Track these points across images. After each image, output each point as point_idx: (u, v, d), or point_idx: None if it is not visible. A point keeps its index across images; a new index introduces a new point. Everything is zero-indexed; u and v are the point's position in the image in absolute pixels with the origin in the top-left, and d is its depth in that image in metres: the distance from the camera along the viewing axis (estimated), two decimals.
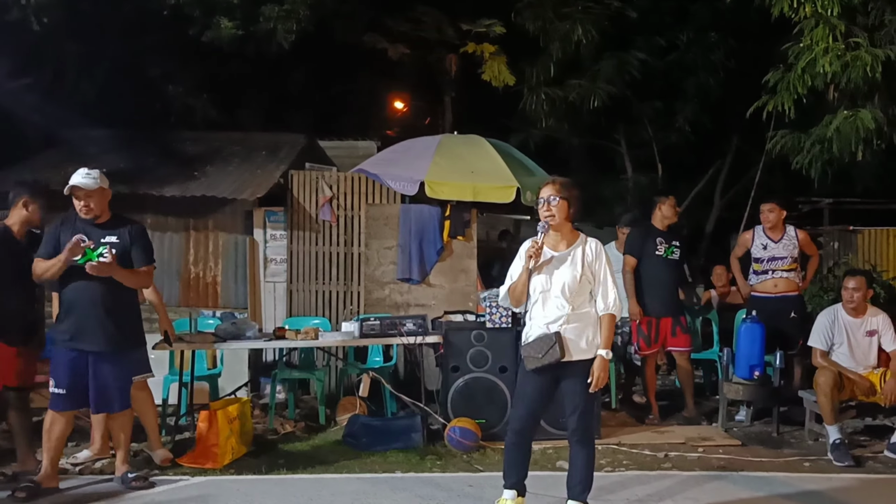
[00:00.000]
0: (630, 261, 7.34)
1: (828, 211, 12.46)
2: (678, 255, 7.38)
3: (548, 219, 4.43)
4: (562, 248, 4.48)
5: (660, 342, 7.31)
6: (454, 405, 6.52)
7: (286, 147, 9.53)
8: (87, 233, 5.03)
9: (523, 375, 4.52)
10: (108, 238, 5.09)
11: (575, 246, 4.47)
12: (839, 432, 6.13)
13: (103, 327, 5.10)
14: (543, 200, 4.46)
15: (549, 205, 4.43)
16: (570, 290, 4.38)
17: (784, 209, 7.51)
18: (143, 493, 5.16)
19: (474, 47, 11.65)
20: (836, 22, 7.78)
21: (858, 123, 7.78)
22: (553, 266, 4.44)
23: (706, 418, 7.42)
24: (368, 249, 8.51)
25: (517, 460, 4.55)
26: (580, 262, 4.42)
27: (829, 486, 5.37)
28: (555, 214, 4.43)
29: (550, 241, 4.50)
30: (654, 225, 7.45)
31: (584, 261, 4.43)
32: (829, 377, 6.16)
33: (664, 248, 7.29)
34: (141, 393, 5.77)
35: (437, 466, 5.83)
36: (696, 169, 12.71)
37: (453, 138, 8.69)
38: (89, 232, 5.06)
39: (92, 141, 9.39)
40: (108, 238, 5.09)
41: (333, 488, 5.27)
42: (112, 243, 5.07)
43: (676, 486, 5.30)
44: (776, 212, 7.41)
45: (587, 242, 4.50)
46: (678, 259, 7.40)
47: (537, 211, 4.55)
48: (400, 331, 6.60)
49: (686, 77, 11.52)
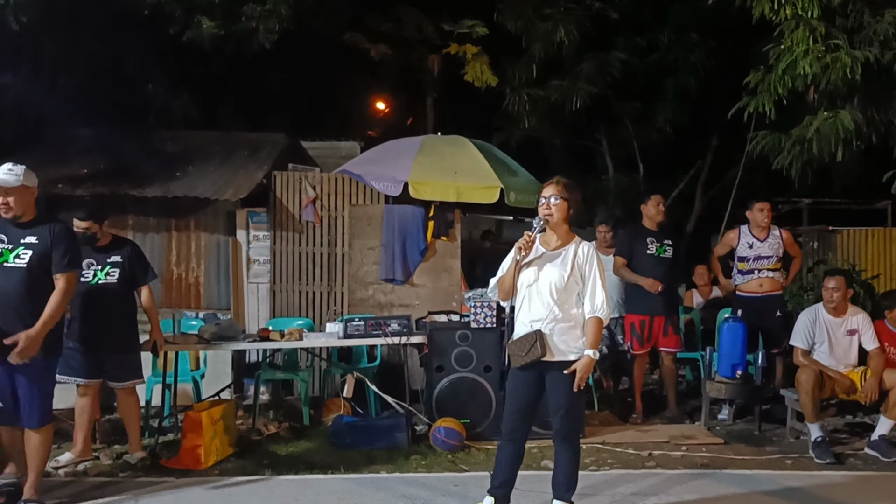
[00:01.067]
0: (619, 261, 7.38)
1: (807, 211, 12.59)
2: (671, 253, 7.40)
3: (546, 217, 4.44)
4: (554, 247, 4.49)
5: (652, 342, 7.35)
6: (439, 405, 6.53)
7: (268, 147, 9.46)
8: (5, 232, 4.81)
9: (511, 374, 4.53)
10: (27, 238, 4.80)
11: (567, 246, 4.48)
12: (820, 430, 6.19)
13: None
14: (544, 199, 4.47)
15: (549, 204, 4.44)
16: (557, 289, 4.38)
17: (772, 210, 7.60)
18: (126, 494, 5.12)
19: (457, 48, 11.64)
20: (816, 24, 7.84)
21: (838, 124, 7.85)
22: (542, 263, 4.45)
23: (689, 417, 7.48)
24: (352, 250, 8.48)
25: (504, 461, 4.56)
26: (570, 262, 4.43)
27: (810, 483, 5.44)
28: (553, 214, 4.44)
29: (544, 239, 4.52)
30: (643, 224, 7.48)
31: (575, 262, 4.43)
32: (811, 376, 6.21)
33: (655, 246, 7.32)
34: (130, 398, 5.83)
35: (421, 466, 5.84)
36: (676, 168, 12.78)
37: (436, 139, 8.70)
38: (8, 231, 4.82)
39: (70, 140, 9.30)
40: (27, 238, 4.80)
41: (318, 488, 5.26)
42: (30, 244, 4.79)
43: (660, 485, 5.34)
44: (765, 211, 7.47)
45: (580, 245, 4.51)
46: (671, 257, 7.42)
47: (537, 209, 4.56)
48: (384, 331, 6.59)
49: (666, 77, 11.58)
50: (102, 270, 5.82)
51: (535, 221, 4.47)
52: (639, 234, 7.44)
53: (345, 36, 11.85)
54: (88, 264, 5.74)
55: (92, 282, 5.77)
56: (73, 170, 8.57)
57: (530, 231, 4.45)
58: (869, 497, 5.27)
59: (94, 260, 5.80)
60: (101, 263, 5.83)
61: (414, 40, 12.18)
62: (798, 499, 5.17)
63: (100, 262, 5.82)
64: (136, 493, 5.17)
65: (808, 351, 6.53)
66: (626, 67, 11.22)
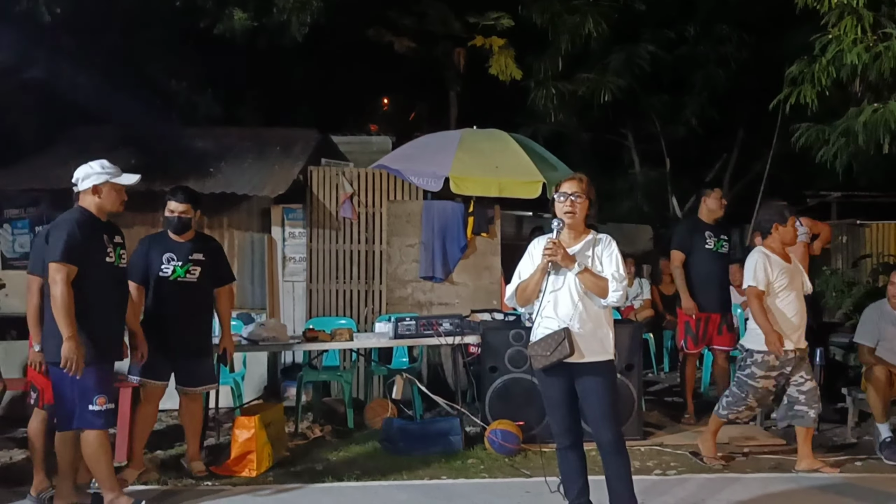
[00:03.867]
0: (679, 256, 7.20)
1: (835, 205, 12.46)
2: (727, 248, 7.25)
3: (567, 216, 4.24)
4: (574, 245, 4.29)
5: (707, 340, 7.17)
6: (492, 407, 6.35)
7: (300, 143, 9.27)
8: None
9: (543, 383, 4.35)
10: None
11: (587, 243, 4.30)
12: (889, 430, 6.03)
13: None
14: (566, 196, 4.26)
15: (574, 202, 4.24)
16: (581, 288, 4.19)
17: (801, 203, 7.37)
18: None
19: (482, 41, 11.45)
20: (864, 12, 7.70)
21: (888, 116, 7.69)
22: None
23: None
24: (390, 247, 8.30)
25: (569, 470, 4.37)
26: (591, 257, 4.25)
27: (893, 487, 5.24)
28: (576, 212, 4.25)
29: (563, 239, 4.29)
30: (700, 219, 7.31)
31: (594, 255, 4.26)
32: (883, 374, 6.05)
33: (713, 241, 7.15)
34: (196, 403, 5.66)
35: (483, 471, 5.65)
36: (702, 163, 12.64)
37: (475, 133, 8.49)
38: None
39: (96, 137, 9.10)
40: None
41: (384, 496, 5.08)
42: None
43: (739, 489, 5.14)
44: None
45: (597, 239, 4.33)
46: (727, 253, 7.26)
47: (552, 206, 4.36)
48: (437, 331, 6.40)
49: (695, 70, 11.43)
50: (183, 267, 5.46)
51: (554, 224, 4.24)
52: (697, 228, 7.27)
53: (368, 31, 11.66)
54: (169, 258, 5.43)
55: (171, 277, 5.44)
56: None
57: (551, 236, 4.22)
58: None
59: (175, 254, 5.46)
60: (181, 259, 5.47)
61: (439, 34, 11.97)
62: (885, 501, 4.98)
63: (181, 258, 5.46)
64: (196, 501, 4.97)
65: (874, 348, 6.37)
66: (654, 60, 11.06)
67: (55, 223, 4.64)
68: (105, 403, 4.55)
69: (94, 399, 4.51)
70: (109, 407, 4.61)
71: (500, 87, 11.83)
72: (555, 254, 4.15)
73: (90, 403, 4.50)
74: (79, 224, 4.56)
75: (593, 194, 4.34)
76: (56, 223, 4.63)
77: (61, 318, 4.37)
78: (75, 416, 4.52)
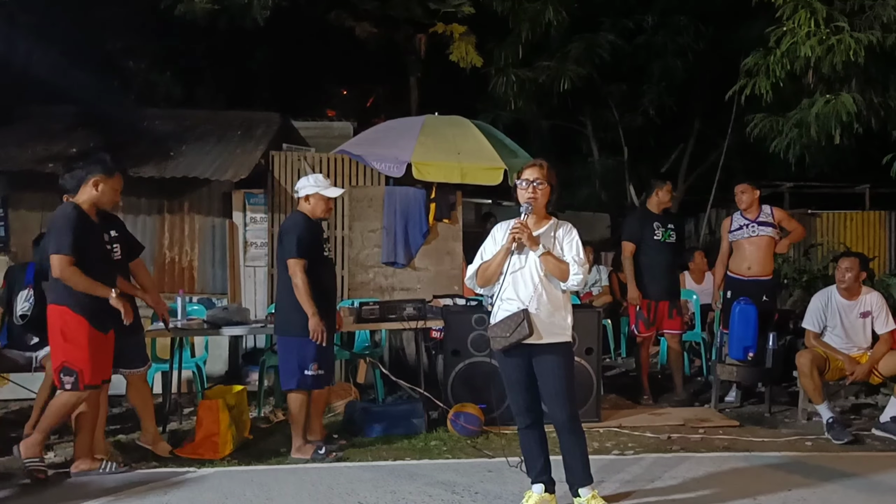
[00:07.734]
0: (629, 246, 7.38)
1: (787, 194, 12.74)
2: (675, 238, 7.42)
3: (529, 201, 4.34)
4: (537, 230, 4.39)
5: (657, 324, 7.36)
6: (455, 390, 6.44)
7: (261, 126, 9.20)
8: None
9: (502, 364, 4.45)
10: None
11: (549, 227, 4.41)
12: (830, 411, 6.24)
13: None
14: (528, 182, 4.36)
15: (536, 188, 4.34)
16: (542, 271, 4.30)
17: (757, 189, 7.47)
18: (154, 483, 4.93)
19: (444, 27, 11.46)
20: (818, 6, 7.89)
21: (839, 107, 7.91)
22: (526, 247, 4.34)
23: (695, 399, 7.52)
24: (352, 232, 8.31)
25: (533, 450, 4.48)
26: (552, 242, 4.36)
27: (840, 465, 5.38)
28: (538, 198, 4.35)
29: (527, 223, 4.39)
30: (650, 210, 7.47)
31: (555, 241, 4.37)
32: (807, 359, 6.27)
33: (661, 232, 7.33)
34: (144, 384, 5.61)
35: (445, 452, 5.75)
36: (659, 152, 12.82)
37: (437, 119, 8.54)
38: None
39: (54, 117, 8.96)
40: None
41: (350, 476, 5.12)
42: None
43: (692, 468, 5.27)
44: (748, 192, 7.33)
45: (559, 224, 4.44)
46: (675, 242, 7.44)
47: (514, 192, 4.46)
48: (401, 315, 6.46)
49: (653, 60, 11.58)
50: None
51: (522, 208, 4.35)
52: (646, 219, 7.43)
53: (330, 14, 11.59)
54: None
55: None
56: (61, 148, 8.22)
57: (520, 219, 4.33)
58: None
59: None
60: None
61: (400, 19, 11.94)
62: (834, 479, 5.10)
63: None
64: (159, 484, 4.97)
65: (820, 334, 6.58)
66: (613, 49, 11.18)
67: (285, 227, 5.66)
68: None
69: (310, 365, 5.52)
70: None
71: (460, 74, 11.88)
72: (521, 233, 4.24)
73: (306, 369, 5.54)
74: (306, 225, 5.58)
75: (555, 180, 4.42)
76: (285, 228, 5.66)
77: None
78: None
